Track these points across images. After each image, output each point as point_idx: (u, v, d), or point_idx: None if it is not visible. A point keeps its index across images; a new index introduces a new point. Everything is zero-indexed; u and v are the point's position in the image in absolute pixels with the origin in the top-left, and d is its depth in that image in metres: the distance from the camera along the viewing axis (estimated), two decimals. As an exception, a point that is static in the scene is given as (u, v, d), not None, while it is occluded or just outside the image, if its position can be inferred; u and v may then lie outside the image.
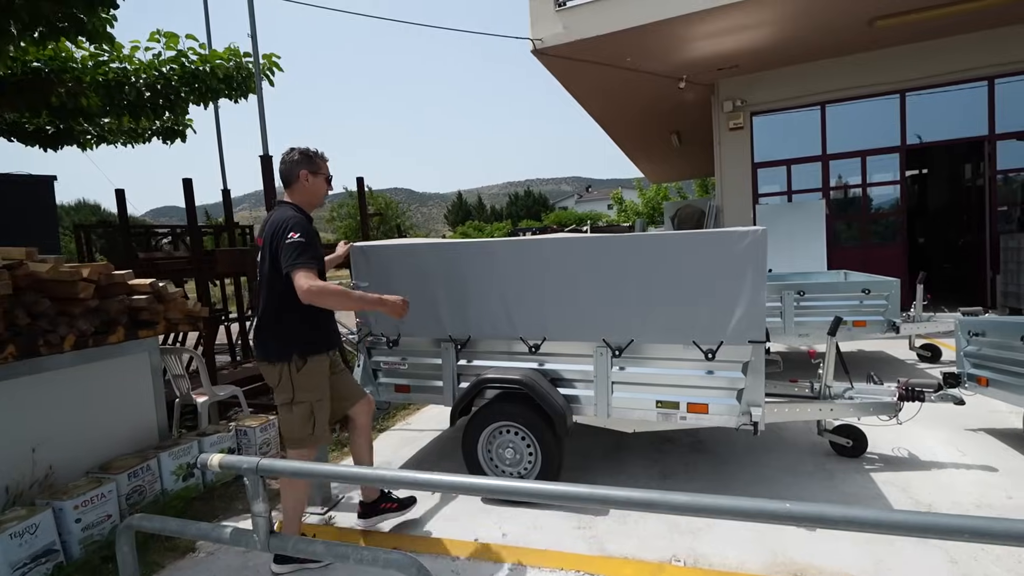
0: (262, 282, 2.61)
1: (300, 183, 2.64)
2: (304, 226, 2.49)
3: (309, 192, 2.68)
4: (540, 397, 3.11)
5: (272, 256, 2.50)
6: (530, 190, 63.83)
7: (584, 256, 3.14)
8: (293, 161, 2.63)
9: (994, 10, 7.40)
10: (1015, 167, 8.60)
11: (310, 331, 2.61)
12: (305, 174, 2.64)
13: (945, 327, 5.27)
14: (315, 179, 2.67)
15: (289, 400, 2.59)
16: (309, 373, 2.59)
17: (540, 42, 8.20)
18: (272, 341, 2.57)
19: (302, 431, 2.62)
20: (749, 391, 2.91)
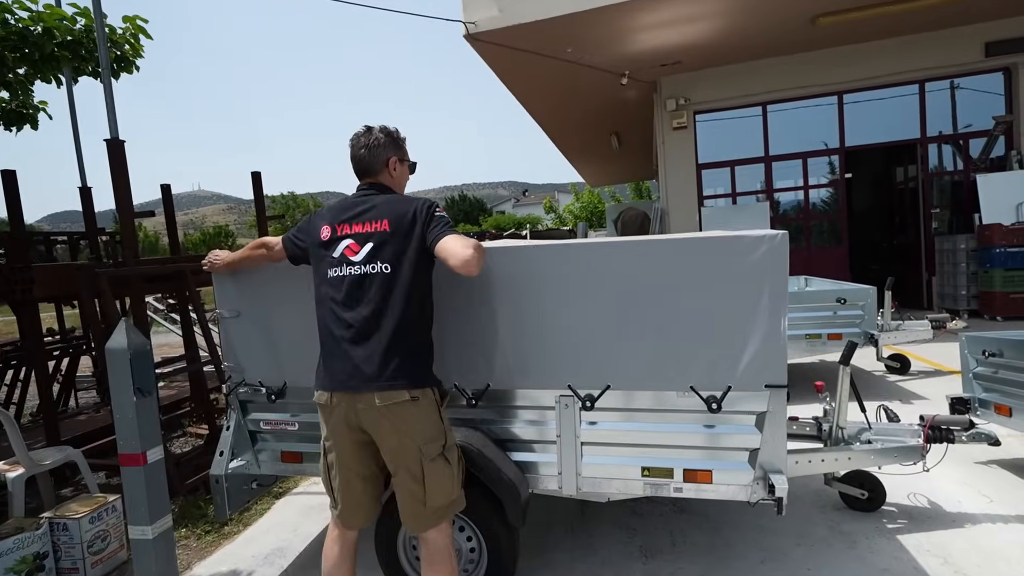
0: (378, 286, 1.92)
1: (386, 173, 2.09)
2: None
3: (396, 184, 2.14)
4: (483, 471, 2.21)
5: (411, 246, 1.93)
6: (466, 194, 62.92)
7: (540, 271, 2.28)
8: (378, 145, 2.06)
9: (928, 13, 7.36)
10: (942, 170, 8.73)
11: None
12: (394, 161, 2.10)
13: (916, 336, 4.90)
14: (402, 168, 2.15)
15: (441, 447, 1.96)
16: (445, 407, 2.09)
17: (474, 26, 7.35)
18: (411, 359, 1.92)
19: (457, 485, 2.02)
20: (767, 452, 2.16)
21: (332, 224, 2.00)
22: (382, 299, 1.88)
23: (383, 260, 1.89)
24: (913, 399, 4.55)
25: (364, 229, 1.94)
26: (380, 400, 1.84)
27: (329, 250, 1.98)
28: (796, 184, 9.37)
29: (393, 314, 1.87)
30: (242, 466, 2.74)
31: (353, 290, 1.91)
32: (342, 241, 1.95)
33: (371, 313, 1.88)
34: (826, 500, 3.02)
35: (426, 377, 1.95)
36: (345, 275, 1.92)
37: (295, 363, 2.55)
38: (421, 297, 1.95)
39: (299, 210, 31.48)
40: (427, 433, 1.91)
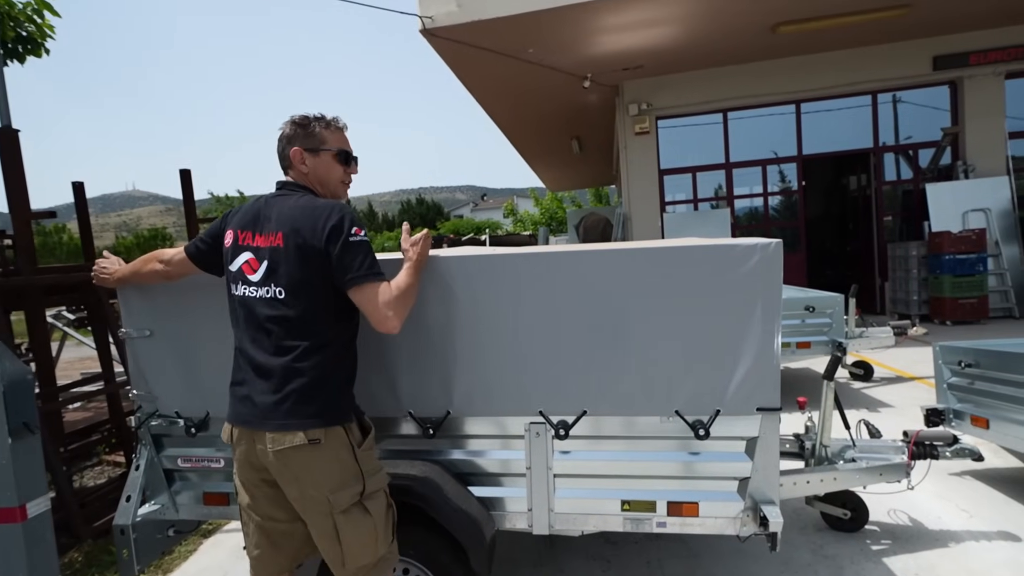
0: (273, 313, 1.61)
1: (296, 168, 1.75)
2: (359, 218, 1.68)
3: (313, 180, 1.76)
4: (441, 512, 1.91)
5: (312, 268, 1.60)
6: (423, 198, 62.12)
7: (505, 283, 2.00)
8: (283, 137, 1.76)
9: (881, 26, 7.56)
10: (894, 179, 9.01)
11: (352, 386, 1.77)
12: (297, 153, 1.73)
13: (879, 343, 4.89)
14: (316, 160, 1.75)
15: (357, 495, 1.63)
16: (371, 444, 1.75)
17: (430, 20, 7.03)
18: (310, 396, 1.58)
19: (385, 539, 1.68)
20: (758, 481, 1.95)
21: (235, 230, 1.69)
22: (278, 328, 1.58)
23: (277, 283, 1.59)
24: (880, 407, 4.52)
25: (261, 243, 1.62)
26: (271, 443, 1.55)
27: (230, 262, 1.68)
28: (756, 191, 9.48)
29: (289, 346, 1.57)
30: (155, 511, 2.32)
31: (251, 315, 1.63)
32: (241, 254, 1.65)
33: (269, 343, 1.58)
34: (806, 520, 2.86)
35: (333, 415, 1.61)
36: (243, 295, 1.64)
37: (220, 390, 2.17)
38: (327, 325, 1.63)
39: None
40: (333, 480, 1.59)
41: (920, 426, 2.93)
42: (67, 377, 7.30)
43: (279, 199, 1.68)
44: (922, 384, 5.11)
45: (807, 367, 5.78)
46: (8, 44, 4.67)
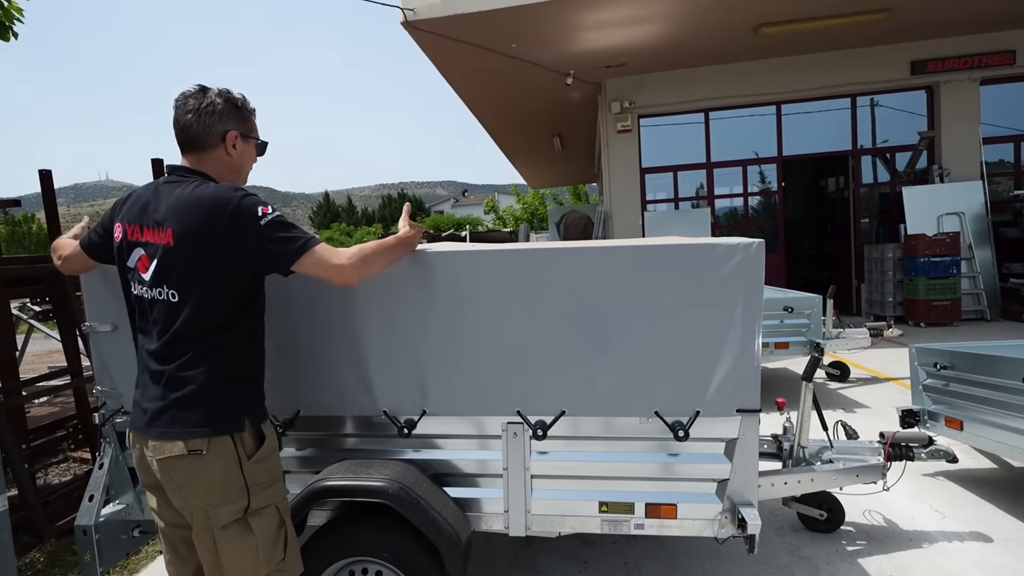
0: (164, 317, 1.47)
1: (221, 150, 1.57)
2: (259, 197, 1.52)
3: (234, 167, 1.62)
4: (416, 515, 1.85)
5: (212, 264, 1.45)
6: (404, 192, 61.59)
7: (484, 279, 1.95)
8: (212, 112, 1.54)
9: (860, 29, 7.66)
10: (871, 181, 9.16)
11: (259, 385, 1.66)
12: (234, 136, 1.58)
13: (855, 344, 4.95)
14: (246, 146, 1.63)
15: (241, 511, 1.50)
16: (268, 455, 1.59)
17: (412, 12, 6.92)
18: (196, 403, 1.46)
19: (269, 559, 1.53)
20: (737, 482, 1.93)
21: (123, 223, 1.53)
22: (168, 333, 1.46)
23: (169, 284, 1.45)
24: (856, 408, 4.58)
25: (151, 239, 1.47)
26: (152, 452, 1.46)
27: (124, 258, 1.54)
28: (736, 191, 9.56)
29: (177, 353, 1.45)
30: (120, 511, 2.24)
31: (145, 315, 1.52)
32: (134, 250, 1.50)
33: (160, 347, 1.47)
34: (783, 521, 2.87)
35: (220, 424, 1.47)
36: (138, 295, 1.52)
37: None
38: (221, 328, 1.49)
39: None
40: (214, 495, 1.46)
41: (895, 427, 2.96)
42: (33, 371, 7.05)
43: (168, 188, 1.49)
44: (897, 385, 5.20)
45: (784, 367, 5.84)
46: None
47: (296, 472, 2.14)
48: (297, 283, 2.01)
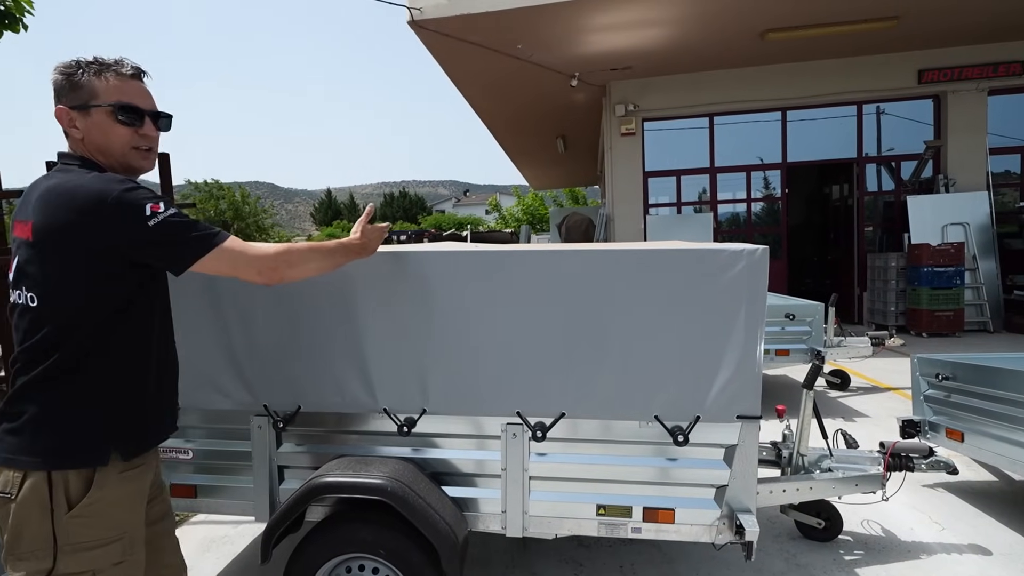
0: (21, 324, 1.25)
1: (71, 134, 1.34)
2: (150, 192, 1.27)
3: (92, 149, 1.33)
4: (413, 513, 1.85)
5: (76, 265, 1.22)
6: (406, 191, 61.60)
7: (485, 280, 1.95)
8: (55, 92, 1.32)
9: (868, 37, 7.65)
10: (876, 189, 9.14)
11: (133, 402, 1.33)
12: (64, 114, 1.32)
13: (856, 352, 4.94)
14: (87, 120, 1.31)
15: (44, 574, 1.20)
16: (100, 509, 1.25)
17: (419, 12, 6.93)
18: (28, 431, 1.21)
19: None
20: (736, 489, 1.93)
21: (13, 218, 1.32)
22: (21, 343, 1.23)
23: (28, 288, 1.22)
24: (856, 416, 4.56)
25: (17, 233, 1.26)
26: None
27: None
28: (739, 196, 9.55)
29: (28, 364, 1.22)
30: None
31: (10, 321, 1.29)
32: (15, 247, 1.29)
33: (16, 356, 1.25)
34: (780, 528, 2.86)
35: (38, 458, 1.19)
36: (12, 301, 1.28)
37: (190, 378, 2.10)
38: (76, 345, 1.23)
39: (224, 200, 29.47)
40: (13, 545, 1.20)
41: (895, 437, 2.95)
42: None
43: (46, 177, 1.30)
44: (898, 395, 5.18)
45: (785, 374, 5.84)
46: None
47: (295, 468, 2.14)
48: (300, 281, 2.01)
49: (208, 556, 2.83)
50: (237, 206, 29.27)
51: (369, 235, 1.68)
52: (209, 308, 2.07)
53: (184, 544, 2.99)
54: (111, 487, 1.26)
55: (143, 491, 1.38)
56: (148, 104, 1.36)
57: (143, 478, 1.37)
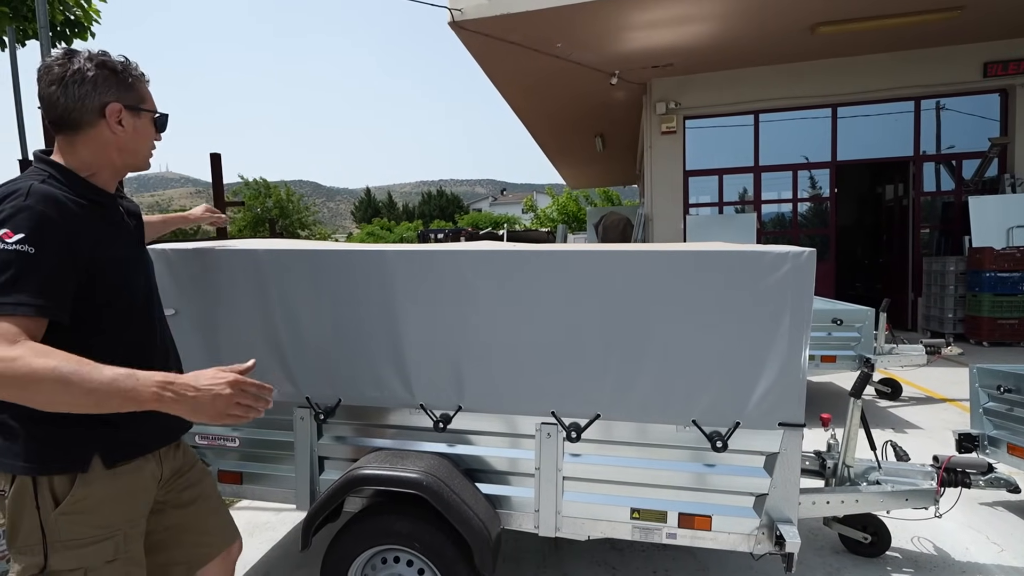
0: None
1: (102, 129, 1.28)
2: (39, 213, 1.13)
3: (123, 147, 1.32)
4: (448, 508, 1.88)
5: None
6: (443, 190, 62.25)
7: (525, 280, 1.96)
8: (84, 81, 1.24)
9: (927, 29, 7.26)
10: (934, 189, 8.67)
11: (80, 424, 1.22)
12: (117, 110, 1.28)
13: (909, 360, 4.71)
14: (136, 120, 1.32)
15: (37, 569, 1.20)
16: (88, 506, 1.24)
17: (459, 13, 6.99)
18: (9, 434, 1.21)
19: None
20: (776, 498, 1.87)
21: None
22: None
23: None
24: (907, 428, 4.35)
25: None
26: None
27: None
28: (785, 196, 9.23)
29: None
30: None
31: None
32: None
33: None
34: (823, 541, 2.76)
35: (17, 462, 1.19)
36: None
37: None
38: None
39: (271, 198, 30.54)
40: (10, 537, 1.22)
41: (951, 451, 2.80)
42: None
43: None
44: (954, 407, 4.91)
45: (831, 381, 5.62)
46: (57, 27, 4.78)
47: (335, 459, 2.20)
48: (339, 277, 2.07)
49: (252, 541, 2.94)
50: (283, 204, 30.29)
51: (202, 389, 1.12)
52: (257, 303, 2.15)
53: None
54: (98, 485, 1.25)
55: (141, 487, 1.35)
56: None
57: (139, 474, 1.34)
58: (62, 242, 1.15)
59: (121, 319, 1.32)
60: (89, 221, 1.24)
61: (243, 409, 1.15)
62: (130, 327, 1.35)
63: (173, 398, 1.08)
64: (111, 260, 1.28)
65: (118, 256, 1.32)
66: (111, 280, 1.28)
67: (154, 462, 1.41)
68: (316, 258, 2.10)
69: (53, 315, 1.13)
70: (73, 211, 1.20)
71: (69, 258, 1.16)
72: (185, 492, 1.54)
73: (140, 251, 1.47)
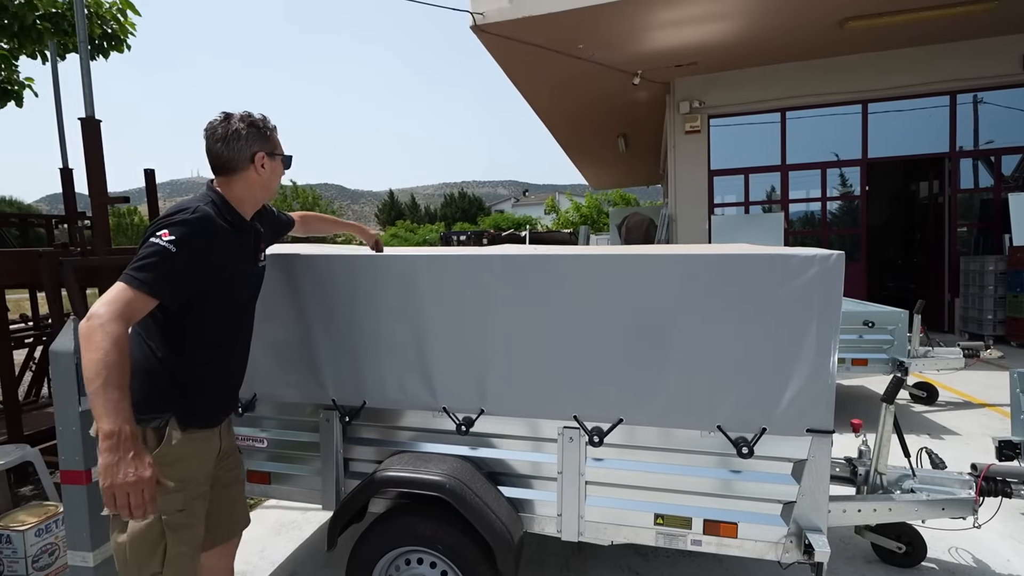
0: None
1: (251, 172, 1.66)
2: (195, 227, 1.49)
3: (261, 185, 1.70)
4: (471, 511, 1.89)
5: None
6: (465, 192, 62.51)
7: (547, 283, 1.96)
8: (238, 137, 1.61)
9: (963, 21, 7.02)
10: (971, 186, 8.36)
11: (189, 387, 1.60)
12: (261, 157, 1.66)
13: (946, 364, 4.55)
14: (272, 163, 1.70)
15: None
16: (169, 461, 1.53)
17: (481, 16, 7.03)
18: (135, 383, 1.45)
19: (142, 568, 1.51)
20: (805, 506, 1.84)
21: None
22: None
23: None
24: (944, 434, 4.20)
25: None
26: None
27: None
28: (813, 195, 9.01)
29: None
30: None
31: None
32: None
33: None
34: (855, 550, 2.69)
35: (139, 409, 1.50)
36: None
37: (267, 370, 2.25)
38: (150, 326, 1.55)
39: (298, 201, 31.22)
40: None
41: (990, 458, 2.70)
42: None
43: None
44: (994, 412, 4.72)
45: (862, 385, 5.46)
46: (95, 40, 4.97)
47: (359, 460, 2.24)
48: (365, 282, 2.11)
49: (279, 539, 3.00)
50: (309, 207, 30.93)
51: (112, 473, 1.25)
52: (290, 310, 2.20)
53: (258, 527, 3.20)
54: (178, 444, 1.55)
55: (208, 454, 1.66)
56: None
57: (208, 443, 1.66)
58: (198, 253, 1.47)
59: (221, 315, 1.64)
60: (227, 240, 1.59)
61: (122, 499, 1.25)
62: (225, 321, 1.67)
63: (112, 446, 1.24)
64: (232, 274, 1.63)
65: (238, 271, 1.66)
66: (224, 287, 1.61)
67: (217, 436, 1.71)
68: (343, 263, 2.14)
69: (161, 299, 1.42)
70: (219, 231, 1.55)
71: (197, 266, 1.48)
72: (229, 472, 1.81)
73: (254, 265, 1.77)
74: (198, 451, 1.62)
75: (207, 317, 1.60)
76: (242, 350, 1.79)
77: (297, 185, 31.61)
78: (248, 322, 1.80)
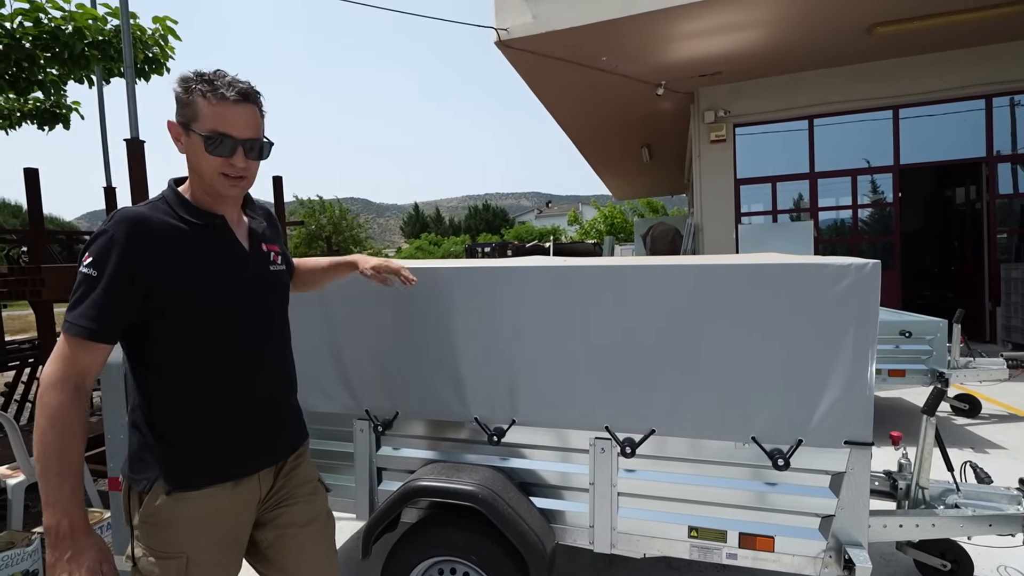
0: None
1: (176, 146, 1.32)
2: (113, 238, 1.17)
3: (191, 167, 1.31)
4: (504, 522, 1.90)
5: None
6: (489, 204, 62.97)
7: (578, 295, 1.98)
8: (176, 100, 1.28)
9: (998, 23, 6.84)
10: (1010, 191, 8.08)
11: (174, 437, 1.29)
12: (173, 128, 1.29)
13: (988, 375, 4.39)
14: (188, 141, 1.27)
15: (131, 558, 1.31)
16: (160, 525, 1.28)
17: (505, 32, 7.13)
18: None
19: None
20: (843, 520, 1.80)
21: None
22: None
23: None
24: (988, 448, 4.05)
25: None
26: None
27: None
28: (843, 203, 8.83)
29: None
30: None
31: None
32: None
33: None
34: (896, 567, 2.61)
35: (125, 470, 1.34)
36: None
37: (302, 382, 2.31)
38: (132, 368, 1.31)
39: (325, 215, 31.80)
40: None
41: (1039, 473, 2.60)
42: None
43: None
44: (1043, 426, 4.53)
45: (900, 396, 5.30)
46: (138, 65, 5.23)
47: (392, 470, 2.27)
48: (398, 293, 2.16)
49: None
50: (336, 221, 31.51)
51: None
52: (322, 319, 2.26)
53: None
54: (163, 508, 1.26)
55: (216, 515, 1.31)
56: (245, 132, 1.27)
57: (212, 502, 1.30)
58: (129, 267, 1.17)
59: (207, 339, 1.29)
60: (186, 243, 1.26)
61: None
62: (217, 345, 1.30)
63: (51, 542, 1.10)
64: (205, 283, 1.27)
65: (217, 279, 1.30)
66: (195, 303, 1.26)
67: (255, 482, 1.38)
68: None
69: (104, 339, 1.17)
70: (163, 234, 1.23)
71: (131, 282, 1.17)
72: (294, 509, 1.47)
73: (253, 269, 1.40)
74: (199, 513, 1.28)
75: (184, 344, 1.26)
76: (267, 377, 1.41)
77: (324, 200, 32.26)
78: (267, 340, 1.41)
